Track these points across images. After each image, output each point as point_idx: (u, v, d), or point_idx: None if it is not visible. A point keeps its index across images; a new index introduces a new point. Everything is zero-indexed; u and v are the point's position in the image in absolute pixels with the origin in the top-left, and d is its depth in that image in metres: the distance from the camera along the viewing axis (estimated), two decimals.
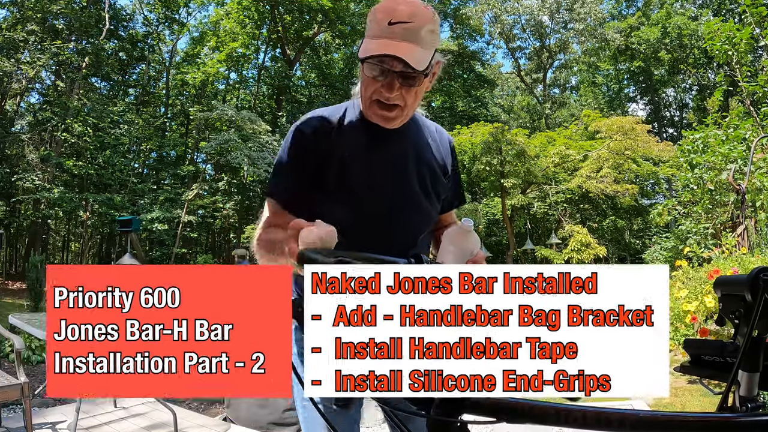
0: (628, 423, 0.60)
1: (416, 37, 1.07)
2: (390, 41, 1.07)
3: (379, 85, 1.12)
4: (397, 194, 1.25)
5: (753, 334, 0.71)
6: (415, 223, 1.29)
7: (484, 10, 25.24)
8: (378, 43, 1.08)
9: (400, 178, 1.26)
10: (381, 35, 1.08)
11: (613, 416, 0.60)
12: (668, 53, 25.39)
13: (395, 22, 1.07)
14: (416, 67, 1.07)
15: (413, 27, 1.07)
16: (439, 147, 1.36)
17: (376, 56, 1.08)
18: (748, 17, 7.94)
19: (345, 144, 1.23)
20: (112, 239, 22.47)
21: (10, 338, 3.00)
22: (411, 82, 1.11)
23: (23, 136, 17.41)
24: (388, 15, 1.08)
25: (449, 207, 1.44)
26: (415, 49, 1.07)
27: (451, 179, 1.38)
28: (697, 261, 5.89)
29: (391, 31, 1.07)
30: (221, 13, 22.88)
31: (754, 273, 0.72)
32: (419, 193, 1.28)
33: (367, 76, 1.13)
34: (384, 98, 1.13)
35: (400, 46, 1.06)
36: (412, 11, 1.08)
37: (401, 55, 1.06)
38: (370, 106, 1.17)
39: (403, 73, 1.09)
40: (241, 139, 17.06)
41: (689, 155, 7.55)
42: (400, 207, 1.26)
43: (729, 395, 0.71)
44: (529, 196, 14.67)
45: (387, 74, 1.10)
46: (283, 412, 3.38)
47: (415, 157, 1.29)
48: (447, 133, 1.43)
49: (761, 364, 0.72)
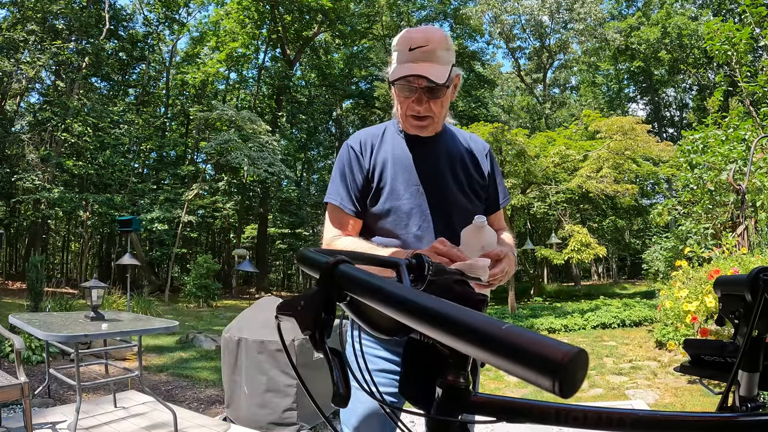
0: (628, 423, 0.60)
1: (433, 56, 1.29)
2: (412, 64, 1.28)
3: (410, 101, 1.33)
4: (434, 191, 1.40)
5: (753, 333, 0.71)
6: (454, 223, 1.39)
7: (484, 10, 25.24)
8: (403, 67, 1.29)
9: (436, 177, 1.42)
10: (405, 60, 1.30)
11: (613, 416, 0.60)
12: (668, 53, 25.39)
13: (414, 48, 1.28)
14: (437, 81, 1.27)
15: (430, 49, 1.28)
16: (473, 152, 1.51)
17: (403, 77, 1.28)
18: (747, 17, 7.94)
19: (387, 151, 1.43)
20: (112, 239, 22.47)
21: (10, 338, 3.00)
22: (436, 94, 1.32)
23: (23, 136, 17.41)
24: (408, 43, 1.29)
25: (495, 207, 1.56)
26: (434, 66, 1.28)
27: (490, 181, 1.52)
28: (697, 261, 5.89)
29: (412, 56, 1.28)
30: (221, 13, 22.88)
31: (754, 273, 0.72)
32: (455, 191, 1.43)
33: (399, 95, 1.35)
34: (416, 111, 1.34)
35: (422, 66, 1.27)
36: (426, 36, 1.29)
37: (423, 73, 1.26)
38: (406, 120, 1.38)
39: (428, 88, 1.30)
40: (241, 139, 17.06)
41: (689, 155, 7.55)
42: (436, 203, 1.39)
43: (729, 395, 0.71)
44: (529, 196, 14.67)
45: (414, 91, 1.31)
46: (283, 413, 3.38)
47: (449, 159, 1.45)
48: (482, 140, 1.60)
49: (761, 364, 0.72)
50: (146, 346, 6.99)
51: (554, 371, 0.36)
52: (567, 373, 0.36)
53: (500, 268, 1.14)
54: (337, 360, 0.56)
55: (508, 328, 0.39)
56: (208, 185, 20.63)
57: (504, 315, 10.93)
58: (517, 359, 0.38)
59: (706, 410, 0.70)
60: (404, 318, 0.46)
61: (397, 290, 0.48)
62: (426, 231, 1.37)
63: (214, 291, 15.17)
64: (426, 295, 0.47)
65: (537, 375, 0.37)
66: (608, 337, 7.93)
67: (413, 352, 0.66)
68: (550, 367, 0.36)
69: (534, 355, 0.37)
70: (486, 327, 0.40)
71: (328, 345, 0.56)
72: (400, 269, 0.79)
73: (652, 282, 11.84)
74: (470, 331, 0.41)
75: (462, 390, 0.59)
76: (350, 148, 1.45)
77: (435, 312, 0.44)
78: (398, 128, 1.46)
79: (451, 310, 0.43)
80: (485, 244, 1.08)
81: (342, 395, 0.55)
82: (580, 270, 23.78)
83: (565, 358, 0.36)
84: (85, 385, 3.27)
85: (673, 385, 4.76)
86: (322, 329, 0.55)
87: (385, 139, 1.46)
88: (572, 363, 0.36)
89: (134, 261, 7.94)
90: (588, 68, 29.95)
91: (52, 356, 4.95)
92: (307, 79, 26.80)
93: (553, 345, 0.37)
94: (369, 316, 0.61)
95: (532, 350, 0.37)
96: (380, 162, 1.41)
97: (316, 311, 0.55)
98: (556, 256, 13.65)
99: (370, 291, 0.51)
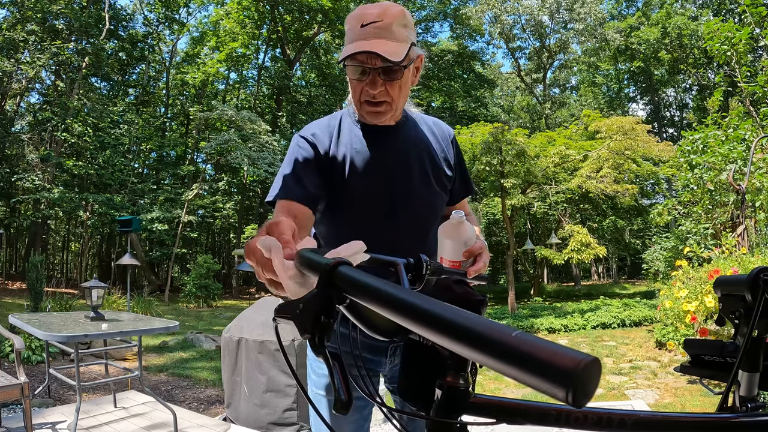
0: (628, 423, 0.60)
1: (387, 32, 1.13)
2: (363, 41, 1.13)
3: (363, 84, 1.18)
4: (400, 189, 1.28)
5: (753, 334, 0.71)
6: (421, 217, 1.31)
7: (484, 10, 25.23)
8: (353, 45, 1.14)
9: (402, 173, 1.28)
10: (355, 38, 1.14)
11: (614, 416, 0.59)
12: (668, 53, 25.39)
13: (366, 24, 1.13)
14: (392, 59, 1.11)
15: (383, 24, 1.13)
16: (438, 140, 1.38)
17: (352, 55, 1.13)
18: (747, 17, 7.94)
19: (344, 146, 1.27)
20: (112, 239, 22.47)
21: (10, 338, 3.00)
22: (392, 75, 1.16)
23: (23, 136, 17.43)
24: (359, 20, 1.15)
25: (458, 198, 1.45)
26: (388, 43, 1.13)
27: (456, 171, 1.40)
28: (697, 261, 5.89)
29: (364, 32, 1.13)
30: (221, 13, 22.88)
31: (754, 273, 0.72)
32: (423, 186, 1.30)
33: (352, 78, 1.19)
34: (370, 96, 1.19)
35: (373, 42, 1.12)
36: (379, 11, 1.14)
37: (375, 50, 1.10)
38: (361, 107, 1.23)
39: (383, 69, 1.15)
40: (241, 139, 17.06)
41: (689, 155, 7.55)
42: (404, 202, 1.28)
43: (729, 395, 0.71)
44: (529, 196, 14.66)
45: (368, 73, 1.16)
46: (283, 413, 3.38)
47: (415, 152, 1.31)
48: (446, 125, 1.45)
49: (761, 364, 0.72)
50: (146, 346, 6.99)
51: (568, 380, 0.35)
52: (581, 382, 0.34)
53: (483, 261, 1.08)
54: (338, 365, 0.55)
55: (518, 336, 0.38)
56: (208, 185, 20.64)
57: (504, 315, 10.93)
58: (529, 368, 0.36)
59: (706, 410, 0.70)
60: (409, 323, 0.45)
61: (401, 294, 0.47)
62: (391, 228, 1.27)
63: (214, 291, 15.17)
64: (428, 298, 0.46)
65: (550, 385, 0.35)
66: (608, 337, 7.93)
67: (412, 354, 0.66)
68: (564, 376, 0.35)
69: (547, 364, 0.36)
70: (496, 335, 0.39)
71: (328, 349, 0.54)
72: (398, 269, 0.79)
73: (652, 282, 11.85)
74: (480, 338, 0.39)
75: (461, 391, 0.59)
76: (304, 139, 1.26)
77: (443, 319, 0.42)
78: (354, 118, 1.31)
79: (458, 316, 0.42)
80: (467, 239, 1.06)
81: (343, 401, 0.53)
82: (580, 270, 23.77)
83: (578, 366, 0.35)
84: (85, 385, 3.27)
85: (673, 385, 4.76)
86: (321, 332, 0.54)
87: (342, 131, 1.29)
88: (586, 372, 0.35)
89: (134, 261, 7.94)
90: (588, 68, 29.95)
91: (52, 356, 4.95)
92: (307, 79, 26.81)
93: (567, 354, 0.36)
94: (368, 319, 0.60)
95: (545, 359, 0.36)
96: (339, 157, 1.25)
97: (316, 314, 0.54)
98: (556, 256, 13.64)
99: (372, 295, 0.50)
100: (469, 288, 0.71)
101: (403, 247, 1.02)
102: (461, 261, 1.06)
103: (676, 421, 0.64)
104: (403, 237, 1.27)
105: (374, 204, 1.26)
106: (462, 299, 0.68)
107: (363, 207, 1.26)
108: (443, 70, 25.14)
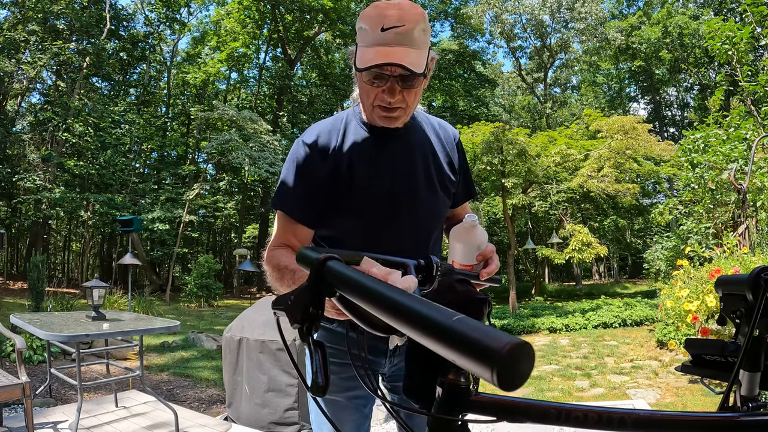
0: (628, 422, 0.60)
1: (410, 39, 1.07)
2: (385, 48, 1.06)
3: (379, 90, 1.13)
4: (404, 193, 1.26)
5: (754, 333, 0.71)
6: (426, 220, 1.30)
7: (484, 10, 25.19)
8: (374, 52, 1.07)
9: (407, 177, 1.26)
10: (375, 42, 1.07)
11: (614, 416, 0.60)
12: (669, 52, 25.35)
13: (387, 28, 1.05)
14: (415, 70, 1.07)
15: (405, 30, 1.06)
16: (444, 143, 1.36)
17: (376, 66, 1.07)
18: (748, 16, 7.93)
19: (349, 148, 1.23)
20: (114, 239, 22.49)
21: (11, 338, 3.01)
22: (411, 83, 1.12)
23: (24, 136, 17.44)
24: (378, 22, 1.06)
25: (461, 201, 1.43)
26: (411, 52, 1.07)
27: (459, 173, 1.38)
28: (698, 260, 5.88)
29: (384, 38, 1.06)
30: (222, 12, 22.89)
31: (755, 273, 0.72)
32: (427, 190, 1.29)
33: (365, 82, 1.13)
34: (386, 103, 1.14)
35: (396, 51, 1.06)
36: (400, 13, 1.06)
37: (400, 62, 1.05)
38: (373, 111, 1.18)
39: (402, 76, 1.10)
40: (242, 139, 17.06)
41: (690, 155, 7.54)
42: (408, 206, 1.26)
43: (730, 395, 0.71)
44: (530, 196, 14.63)
45: (386, 79, 1.11)
46: (284, 412, 3.38)
47: (421, 156, 1.29)
48: (452, 127, 1.42)
49: (762, 364, 0.72)
50: (147, 345, 7.00)
51: (491, 361, 0.36)
52: (506, 363, 0.35)
53: (496, 263, 1.08)
54: (319, 351, 0.58)
55: (459, 319, 0.40)
56: (209, 185, 20.65)
57: (505, 314, 10.93)
58: (462, 349, 0.38)
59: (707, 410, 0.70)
60: (379, 312, 0.47)
61: (375, 286, 0.50)
62: (393, 231, 1.25)
63: (215, 291, 15.18)
64: (402, 291, 0.48)
65: (476, 364, 0.37)
66: (609, 337, 7.92)
67: (415, 352, 0.66)
68: (488, 356, 0.36)
69: (476, 345, 0.37)
70: (440, 318, 0.41)
71: (313, 338, 0.58)
72: (409, 270, 0.80)
73: (653, 281, 11.84)
74: (424, 320, 0.42)
75: (463, 389, 0.59)
76: (307, 145, 1.23)
77: (399, 304, 0.45)
78: (360, 119, 1.27)
79: (414, 303, 0.44)
80: (480, 243, 1.06)
81: (320, 384, 0.57)
82: (581, 269, 23.74)
83: (503, 348, 0.36)
84: (86, 385, 3.27)
85: (675, 385, 4.76)
86: (310, 322, 0.57)
87: (347, 133, 1.25)
88: (512, 354, 0.36)
89: (135, 261, 7.95)
90: (589, 68, 29.91)
91: (53, 356, 4.96)
92: (308, 79, 26.81)
93: (496, 336, 0.37)
94: (363, 314, 0.61)
95: (475, 339, 0.37)
96: (344, 160, 1.22)
97: (305, 305, 0.57)
98: (557, 256, 13.63)
99: (354, 287, 0.52)
100: (471, 287, 0.72)
101: (406, 251, 1.01)
102: (473, 264, 1.06)
103: (677, 420, 0.64)
104: (405, 240, 1.26)
105: (378, 207, 1.24)
106: (464, 298, 0.68)
107: (366, 210, 1.24)
108: (444, 69, 25.12)
